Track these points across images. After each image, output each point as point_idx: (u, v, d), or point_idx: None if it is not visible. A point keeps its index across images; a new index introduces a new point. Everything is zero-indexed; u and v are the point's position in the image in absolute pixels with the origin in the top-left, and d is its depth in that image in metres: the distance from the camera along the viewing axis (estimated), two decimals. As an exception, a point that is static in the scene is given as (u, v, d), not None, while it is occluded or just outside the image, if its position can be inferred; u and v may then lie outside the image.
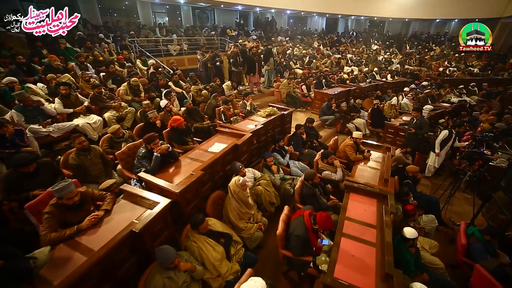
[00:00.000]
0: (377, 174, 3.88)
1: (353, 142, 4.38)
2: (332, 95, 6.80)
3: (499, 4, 15.62)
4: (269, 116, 5.01)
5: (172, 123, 4.04)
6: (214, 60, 7.48)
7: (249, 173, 3.68)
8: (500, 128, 6.65)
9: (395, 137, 6.12)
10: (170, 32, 11.55)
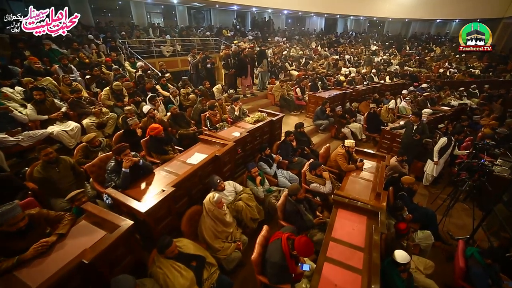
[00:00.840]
0: (370, 186, 3.61)
1: (345, 151, 4.12)
2: (327, 98, 6.54)
3: (501, 4, 15.31)
4: (257, 122, 4.75)
5: (150, 132, 3.79)
6: (205, 62, 7.22)
7: (229, 187, 3.43)
8: (502, 133, 6.37)
9: (392, 143, 5.85)
10: (164, 33, 11.31)
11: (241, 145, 4.23)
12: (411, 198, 3.99)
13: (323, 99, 6.49)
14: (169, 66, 9.80)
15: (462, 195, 4.40)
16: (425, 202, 4.96)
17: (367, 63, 11.04)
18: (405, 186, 3.92)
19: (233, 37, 13.05)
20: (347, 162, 4.12)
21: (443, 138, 5.00)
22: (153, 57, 9.96)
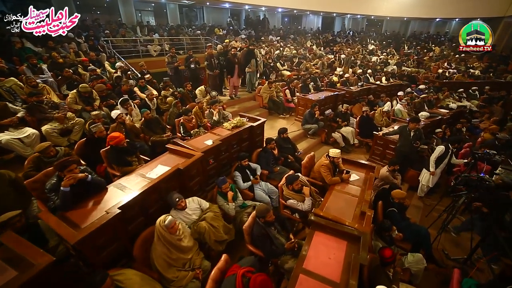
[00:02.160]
0: (355, 203, 3.20)
1: (329, 162, 3.71)
2: (316, 101, 6.13)
3: (502, 2, 14.89)
4: (235, 129, 4.35)
5: (109, 142, 3.39)
6: (188, 61, 6.81)
7: (193, 204, 3.03)
8: (503, 139, 5.95)
9: (385, 149, 5.45)
10: (152, 31, 10.90)
11: (214, 154, 3.83)
12: (402, 214, 3.59)
13: (312, 101, 6.08)
14: (155, 66, 9.41)
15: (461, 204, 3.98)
16: (419, 214, 4.56)
17: (346, 63, 10.37)
18: (395, 201, 3.52)
19: (226, 36, 12.65)
20: (332, 174, 3.72)
21: (440, 147, 4.59)
22: (139, 56, 9.55)
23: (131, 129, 4.51)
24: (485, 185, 3.09)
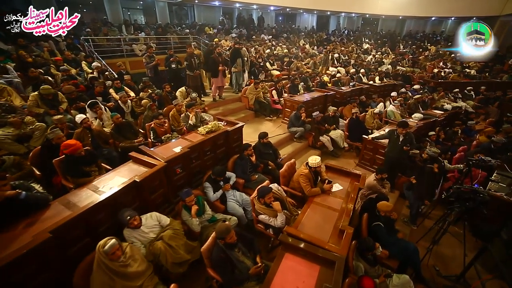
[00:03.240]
0: (334, 218, 2.87)
1: (308, 171, 3.37)
2: (303, 102, 5.80)
3: (498, 1, 14.63)
4: (209, 134, 4.00)
5: (63, 150, 3.03)
6: (168, 61, 6.45)
7: (151, 221, 2.68)
8: (499, 142, 5.64)
9: (375, 154, 5.12)
10: (138, 30, 10.52)
11: (183, 163, 3.48)
12: (389, 229, 3.25)
13: (299, 102, 5.75)
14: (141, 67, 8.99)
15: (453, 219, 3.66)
16: (409, 227, 4.23)
17: (323, 63, 9.91)
18: (381, 214, 3.19)
19: (216, 35, 12.29)
20: (312, 184, 3.39)
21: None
22: (123, 56, 9.17)
23: (99, 135, 4.16)
24: (479, 199, 2.77)
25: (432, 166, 3.85)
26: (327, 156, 5.74)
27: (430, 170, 3.85)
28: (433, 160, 3.96)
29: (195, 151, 3.69)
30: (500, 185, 4.38)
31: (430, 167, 3.85)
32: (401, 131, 4.20)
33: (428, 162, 3.97)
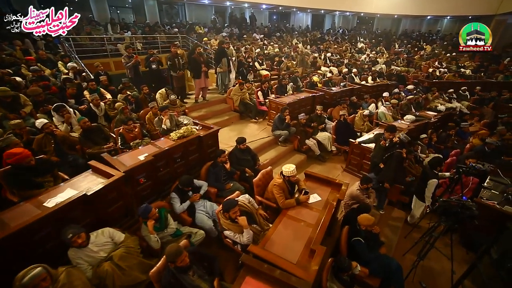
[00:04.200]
0: (307, 234, 2.60)
1: (282, 181, 3.10)
2: (287, 104, 5.53)
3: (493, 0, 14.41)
4: (181, 139, 3.72)
5: (6, 160, 2.73)
6: (148, 61, 6.15)
7: (103, 238, 2.40)
8: (493, 144, 5.40)
9: (362, 159, 4.85)
10: (125, 29, 10.21)
11: (148, 171, 3.20)
12: (371, 244, 2.98)
13: (283, 104, 5.48)
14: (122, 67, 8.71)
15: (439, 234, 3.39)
16: (397, 235, 3.96)
17: (300, 63, 9.47)
18: (362, 228, 2.92)
19: (206, 34, 12.00)
20: (287, 195, 3.12)
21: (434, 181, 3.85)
22: (107, 56, 8.85)
23: (64, 140, 3.87)
24: (467, 213, 2.50)
25: (401, 151, 3.69)
26: (313, 160, 5.47)
27: (398, 154, 3.70)
28: (403, 145, 3.84)
29: (163, 158, 3.41)
30: (492, 192, 4.13)
31: (399, 151, 3.70)
32: (389, 136, 3.93)
33: (398, 146, 3.83)
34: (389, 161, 3.77)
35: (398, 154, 3.61)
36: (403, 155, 3.62)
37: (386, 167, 3.82)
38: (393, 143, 3.83)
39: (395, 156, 3.64)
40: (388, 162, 3.79)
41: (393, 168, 3.67)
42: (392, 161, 3.69)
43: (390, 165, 3.72)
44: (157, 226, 2.74)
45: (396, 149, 3.69)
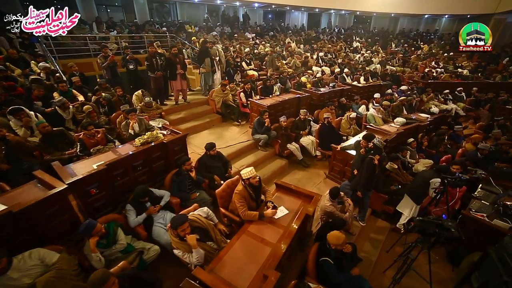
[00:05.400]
0: (265, 256, 2.32)
1: (243, 188, 2.82)
2: (267, 106, 5.25)
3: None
4: (144, 145, 3.45)
5: None
6: (125, 61, 5.87)
7: (29, 262, 2.13)
8: (485, 149, 5.11)
9: (344, 166, 4.57)
10: (111, 28, 9.93)
11: (103, 181, 2.93)
12: (341, 264, 2.70)
13: (263, 106, 5.20)
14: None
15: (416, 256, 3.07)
16: (378, 250, 3.67)
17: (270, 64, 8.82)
18: (331, 246, 2.64)
19: (197, 33, 11.72)
20: (250, 203, 2.84)
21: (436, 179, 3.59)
22: (90, 56, 8.57)
23: (18, 146, 3.61)
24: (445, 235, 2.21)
25: (373, 157, 3.38)
26: (295, 166, 5.19)
27: (369, 161, 3.40)
28: (378, 151, 3.49)
29: (120, 166, 3.14)
30: (482, 203, 3.84)
31: (371, 157, 3.40)
32: (365, 144, 3.64)
33: (373, 152, 3.51)
34: (361, 169, 3.49)
35: (369, 161, 3.33)
36: (374, 162, 3.31)
37: (358, 175, 3.55)
38: (367, 149, 3.55)
39: (366, 163, 3.35)
40: (360, 170, 3.51)
41: (365, 176, 3.39)
42: (363, 168, 3.41)
43: (362, 173, 3.44)
44: (103, 242, 2.48)
45: (370, 155, 3.41)
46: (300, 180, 4.76)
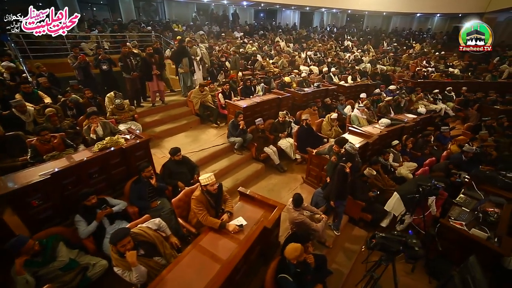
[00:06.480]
0: (211, 275, 2.11)
1: (200, 193, 2.62)
2: (245, 107, 5.04)
3: (482, -3, 14.02)
4: (103, 151, 3.23)
5: None
6: (98, 62, 5.63)
7: None
8: (470, 152, 4.93)
9: (321, 170, 4.37)
10: (92, 27, 9.66)
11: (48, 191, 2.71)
12: (307, 278, 2.50)
13: (240, 108, 4.99)
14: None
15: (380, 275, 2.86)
16: (352, 262, 3.46)
17: (233, 65, 8.24)
18: (291, 261, 2.43)
19: (184, 32, 11.48)
20: (209, 210, 2.64)
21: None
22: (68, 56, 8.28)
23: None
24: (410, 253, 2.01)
25: (344, 165, 3.17)
26: (272, 170, 4.99)
27: (340, 169, 3.18)
28: (350, 158, 3.25)
29: (71, 174, 2.91)
30: (463, 209, 3.68)
31: (342, 165, 3.19)
32: (337, 149, 3.44)
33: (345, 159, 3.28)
34: (332, 176, 3.29)
35: (339, 169, 3.13)
36: (345, 170, 3.10)
37: (330, 183, 3.35)
38: (339, 155, 3.35)
39: (337, 171, 3.15)
40: (331, 177, 3.32)
41: (336, 185, 3.19)
42: (334, 176, 3.21)
43: (333, 181, 3.24)
44: (37, 260, 2.27)
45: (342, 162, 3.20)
46: (276, 185, 4.56)
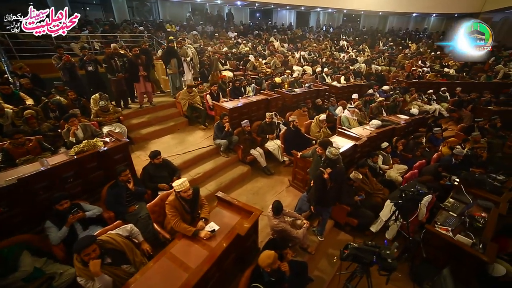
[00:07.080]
0: (178, 284, 2.02)
1: (174, 199, 2.54)
2: (231, 108, 4.96)
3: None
4: (79, 155, 3.15)
5: None
6: (83, 62, 5.53)
7: None
8: (460, 154, 4.86)
9: (306, 174, 4.27)
10: (83, 27, 9.55)
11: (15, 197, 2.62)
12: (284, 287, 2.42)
13: (226, 110, 4.91)
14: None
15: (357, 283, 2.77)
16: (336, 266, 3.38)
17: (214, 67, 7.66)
18: (265, 269, 2.35)
19: (177, 32, 11.39)
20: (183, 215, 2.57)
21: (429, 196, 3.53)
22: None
23: None
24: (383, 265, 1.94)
25: (323, 170, 3.08)
26: (259, 173, 4.91)
27: (318, 174, 3.12)
28: (332, 163, 3.13)
29: (43, 179, 2.82)
30: (450, 214, 3.60)
31: (321, 170, 3.12)
32: (321, 151, 3.36)
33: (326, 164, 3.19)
34: (314, 181, 3.21)
35: (317, 175, 3.05)
36: (324, 176, 3.02)
37: (312, 187, 3.26)
38: (323, 160, 3.27)
39: (315, 177, 3.07)
40: (313, 182, 3.24)
41: (313, 189, 3.12)
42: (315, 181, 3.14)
43: (314, 186, 3.16)
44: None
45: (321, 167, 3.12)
46: (261, 188, 4.48)
